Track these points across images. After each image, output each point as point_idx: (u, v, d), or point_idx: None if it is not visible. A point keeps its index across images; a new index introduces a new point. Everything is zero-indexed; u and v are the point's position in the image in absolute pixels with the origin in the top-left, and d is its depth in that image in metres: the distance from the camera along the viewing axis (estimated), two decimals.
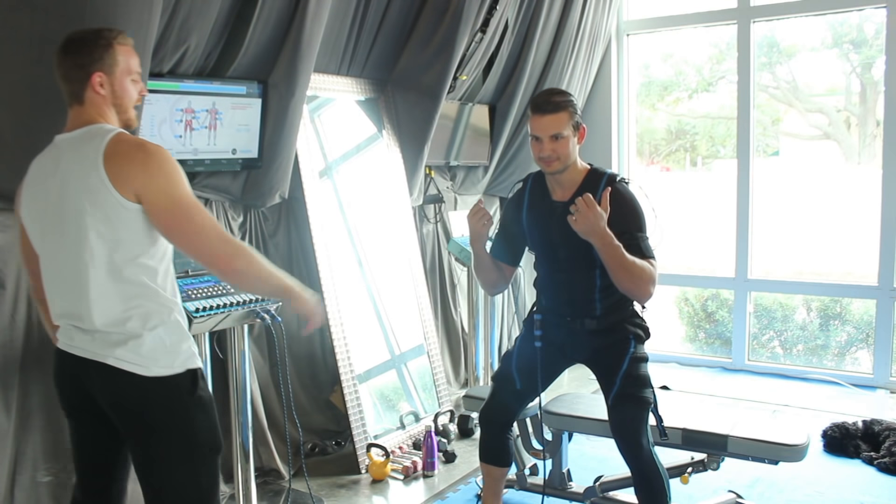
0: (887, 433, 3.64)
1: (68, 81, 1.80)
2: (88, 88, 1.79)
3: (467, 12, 3.89)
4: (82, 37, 1.81)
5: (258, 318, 2.77)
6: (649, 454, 2.40)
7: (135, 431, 1.79)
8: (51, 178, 1.77)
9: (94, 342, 1.76)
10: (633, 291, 2.32)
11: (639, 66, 5.70)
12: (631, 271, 2.27)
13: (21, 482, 2.57)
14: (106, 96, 1.81)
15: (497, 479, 2.69)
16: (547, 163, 2.40)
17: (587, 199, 2.24)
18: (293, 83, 3.23)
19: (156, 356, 1.75)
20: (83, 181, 1.70)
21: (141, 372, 1.73)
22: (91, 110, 1.80)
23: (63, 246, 1.76)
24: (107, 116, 1.82)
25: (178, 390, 1.77)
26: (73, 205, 1.72)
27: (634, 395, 2.42)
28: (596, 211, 2.23)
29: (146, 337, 1.74)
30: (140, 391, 1.75)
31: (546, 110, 2.36)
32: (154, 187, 1.70)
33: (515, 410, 2.65)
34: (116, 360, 1.73)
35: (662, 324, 5.81)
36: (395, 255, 4.07)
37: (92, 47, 1.79)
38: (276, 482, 3.31)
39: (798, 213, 5.66)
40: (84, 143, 1.74)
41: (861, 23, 5.16)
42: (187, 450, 1.79)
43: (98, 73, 1.79)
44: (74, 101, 1.81)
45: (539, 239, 2.54)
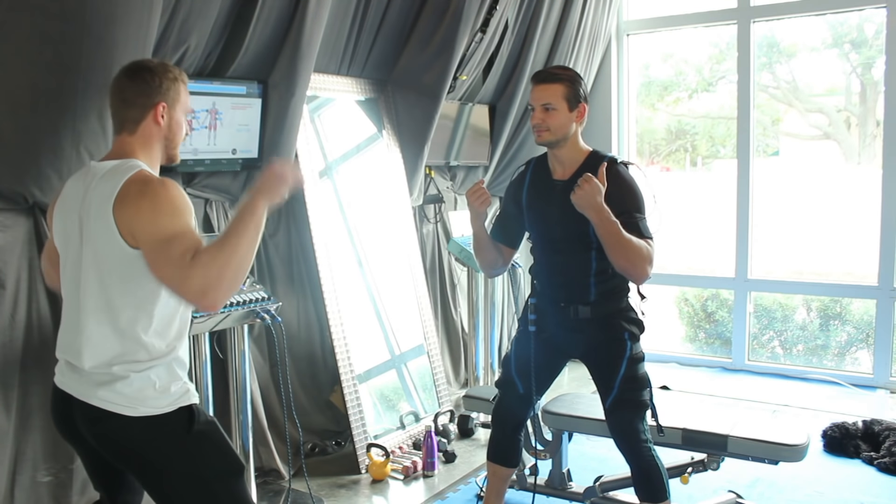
0: (887, 433, 3.64)
1: (129, 107, 1.77)
2: (149, 117, 1.77)
3: (467, 12, 3.89)
4: (151, 66, 1.81)
5: (258, 318, 2.77)
6: (648, 450, 2.41)
7: (135, 471, 1.76)
8: (79, 205, 1.74)
9: (80, 381, 1.72)
10: (629, 270, 2.30)
11: (639, 66, 5.70)
12: (627, 248, 2.25)
13: (21, 482, 2.57)
14: (162, 128, 1.79)
15: (502, 479, 2.69)
16: (537, 132, 2.41)
17: (587, 176, 2.25)
18: (293, 83, 3.23)
19: (144, 396, 1.69)
20: (97, 220, 1.68)
21: (128, 413, 1.68)
22: (138, 141, 1.78)
23: (72, 280, 1.75)
24: (152, 149, 1.80)
25: (170, 429, 1.71)
26: (85, 242, 1.71)
27: (633, 399, 2.42)
28: (594, 184, 2.23)
29: (133, 378, 1.69)
30: (128, 432, 1.69)
31: (540, 79, 2.40)
32: (140, 224, 1.63)
33: (524, 413, 2.65)
34: (100, 401, 1.68)
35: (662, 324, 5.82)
36: (395, 255, 4.07)
37: (161, 78, 1.79)
38: (276, 482, 3.31)
39: (798, 213, 5.66)
40: (109, 179, 1.70)
41: (861, 23, 5.16)
42: (199, 484, 1.74)
43: (163, 103, 1.78)
44: (125, 129, 1.78)
45: (537, 217, 2.52)
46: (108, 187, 1.67)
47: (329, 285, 3.57)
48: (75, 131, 2.44)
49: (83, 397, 1.71)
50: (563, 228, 2.43)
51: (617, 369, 2.41)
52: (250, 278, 2.86)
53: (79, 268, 1.72)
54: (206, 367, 2.71)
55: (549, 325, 2.54)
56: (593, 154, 2.46)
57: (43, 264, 2.04)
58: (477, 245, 2.65)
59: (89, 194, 1.71)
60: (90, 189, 1.72)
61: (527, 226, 2.59)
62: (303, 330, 3.78)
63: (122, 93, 1.78)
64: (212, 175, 3.23)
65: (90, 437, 1.74)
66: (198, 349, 2.69)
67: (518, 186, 2.59)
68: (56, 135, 2.42)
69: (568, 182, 2.41)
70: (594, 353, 2.50)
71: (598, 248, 2.37)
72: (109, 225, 1.65)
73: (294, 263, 3.74)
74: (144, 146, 1.78)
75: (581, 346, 2.52)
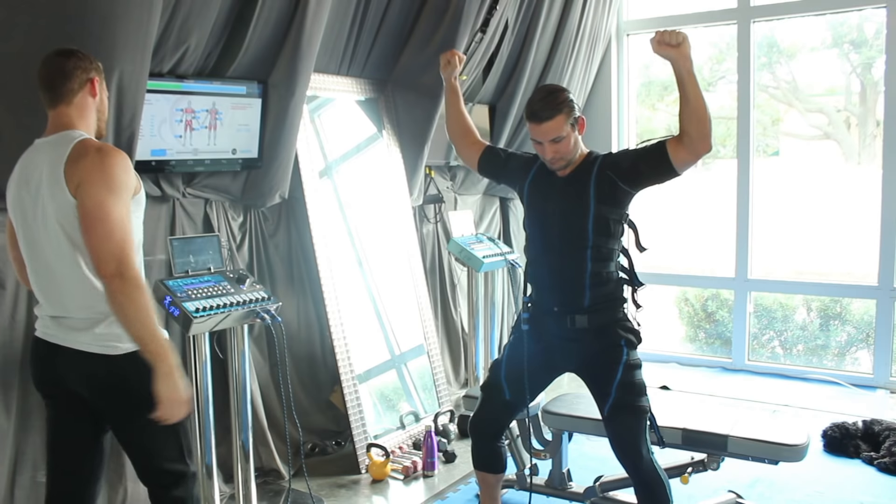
0: (887, 433, 3.64)
1: (67, 79, 1.92)
2: (86, 89, 1.95)
3: (467, 12, 3.89)
4: (80, 50, 1.99)
5: (258, 318, 2.77)
6: (650, 462, 2.38)
7: (112, 406, 1.94)
8: (31, 179, 1.91)
9: (66, 330, 1.91)
10: (705, 128, 2.22)
11: (639, 66, 5.70)
12: (706, 104, 2.23)
13: (21, 482, 2.57)
14: (96, 100, 1.98)
15: (492, 484, 2.68)
16: (552, 163, 2.42)
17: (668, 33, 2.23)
18: (293, 83, 3.23)
19: (119, 335, 1.87)
20: (51, 185, 1.85)
21: (110, 352, 1.89)
22: (75, 111, 1.94)
23: (40, 243, 1.91)
24: (88, 120, 1.97)
25: (145, 364, 1.84)
26: (45, 206, 1.87)
27: (631, 404, 2.37)
28: (681, 35, 2.22)
29: (111, 319, 1.86)
30: (112, 368, 1.89)
31: (542, 118, 2.35)
32: (88, 185, 1.81)
33: (505, 421, 2.63)
34: (85, 345, 1.89)
35: (662, 324, 5.82)
36: (395, 255, 4.07)
37: (92, 59, 1.99)
38: (276, 482, 3.31)
39: (798, 213, 5.66)
40: (56, 148, 1.88)
41: (861, 23, 5.16)
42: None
43: (97, 77, 1.98)
44: (63, 100, 1.93)
45: (537, 213, 2.50)
46: (58, 153, 1.86)
47: (329, 285, 3.57)
48: None
49: (71, 344, 1.90)
50: (562, 223, 2.42)
51: (613, 375, 2.38)
52: (250, 278, 2.86)
53: (44, 231, 1.88)
54: (206, 367, 2.71)
55: (543, 336, 2.50)
56: (590, 154, 2.48)
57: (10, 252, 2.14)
58: (447, 103, 2.76)
59: (40, 164, 1.89)
60: (40, 160, 1.90)
61: (525, 223, 2.58)
62: (303, 330, 3.78)
63: (61, 67, 1.93)
64: (212, 175, 3.22)
65: (77, 379, 1.92)
66: (198, 349, 2.69)
67: (527, 168, 2.56)
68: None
69: (568, 178, 2.43)
70: (589, 363, 2.46)
71: (594, 248, 2.37)
72: (60, 184, 1.83)
73: (294, 263, 3.74)
74: (81, 116, 1.95)
75: (576, 357, 2.48)
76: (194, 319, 2.53)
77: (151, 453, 2.00)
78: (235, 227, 3.43)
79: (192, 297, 2.61)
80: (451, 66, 2.71)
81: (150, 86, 2.69)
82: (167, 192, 3.05)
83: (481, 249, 4.11)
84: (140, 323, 1.79)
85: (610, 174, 2.37)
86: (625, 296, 2.49)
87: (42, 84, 1.94)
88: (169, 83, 2.89)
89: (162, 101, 2.87)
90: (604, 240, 2.39)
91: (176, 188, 3.09)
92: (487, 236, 4.34)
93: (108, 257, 1.79)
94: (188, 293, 2.62)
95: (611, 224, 2.39)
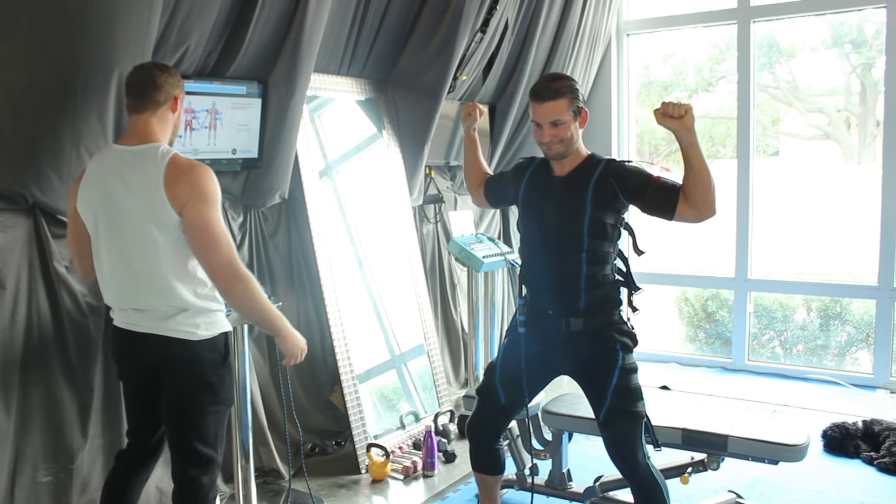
0: (887, 433, 3.65)
1: (157, 91, 2.09)
2: (170, 102, 2.13)
3: (467, 12, 3.89)
4: (172, 67, 2.20)
5: None
6: (646, 468, 2.36)
7: (176, 385, 2.14)
8: (113, 184, 2.06)
9: (147, 319, 2.11)
10: (709, 197, 2.24)
11: (639, 66, 5.70)
12: (708, 172, 2.24)
13: (21, 482, 2.57)
14: (174, 116, 2.16)
15: (491, 485, 2.67)
16: (549, 147, 2.40)
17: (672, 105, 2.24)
18: (293, 83, 3.23)
19: (198, 323, 2.11)
20: (150, 200, 2.01)
21: (189, 338, 2.10)
22: (157, 121, 2.11)
23: (124, 244, 2.07)
24: (166, 132, 2.14)
25: (215, 352, 2.15)
26: (136, 214, 2.04)
27: (627, 410, 2.35)
28: (684, 108, 2.22)
29: (192, 310, 2.10)
30: (189, 351, 2.11)
31: (545, 97, 2.35)
32: (192, 203, 2.00)
33: (501, 424, 2.61)
34: (168, 331, 2.09)
35: (662, 324, 5.82)
36: (395, 255, 4.07)
37: (179, 78, 2.17)
38: (276, 482, 3.31)
39: (798, 213, 5.66)
40: (145, 159, 2.04)
41: (861, 23, 5.16)
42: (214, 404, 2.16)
43: (182, 94, 2.16)
44: (148, 109, 2.10)
45: (533, 213, 2.49)
46: (151, 169, 2.02)
47: (329, 285, 3.57)
48: (75, 131, 2.44)
49: (157, 331, 2.10)
50: (558, 225, 2.40)
51: (609, 379, 2.36)
52: None
53: (131, 235, 2.05)
54: None
55: (540, 338, 2.49)
56: (592, 156, 2.46)
57: (70, 243, 2.30)
58: (465, 153, 2.83)
59: (128, 173, 2.05)
60: (127, 169, 2.05)
61: (520, 224, 2.56)
62: (303, 330, 3.75)
63: (154, 78, 2.10)
64: None
65: (158, 358, 2.12)
66: None
67: (520, 175, 2.56)
68: (56, 135, 2.42)
69: (566, 178, 2.42)
70: (585, 366, 2.45)
71: (589, 251, 2.36)
72: (162, 201, 2.00)
73: (294, 263, 3.74)
74: (161, 126, 2.12)
75: (571, 360, 2.47)
76: None
77: (192, 431, 2.15)
78: (235, 227, 3.43)
79: None
80: (471, 118, 2.76)
81: None
82: None
83: (481, 249, 4.10)
84: (260, 308, 2.10)
85: (613, 183, 2.35)
86: (621, 298, 2.48)
87: (132, 90, 2.11)
88: None
89: None
90: (599, 243, 2.38)
91: None
92: (487, 236, 4.34)
93: (221, 265, 2.02)
94: None
95: (607, 227, 2.38)
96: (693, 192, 2.26)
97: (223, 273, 2.03)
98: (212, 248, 2.02)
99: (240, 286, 2.04)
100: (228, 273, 2.03)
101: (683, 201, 2.28)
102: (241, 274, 2.04)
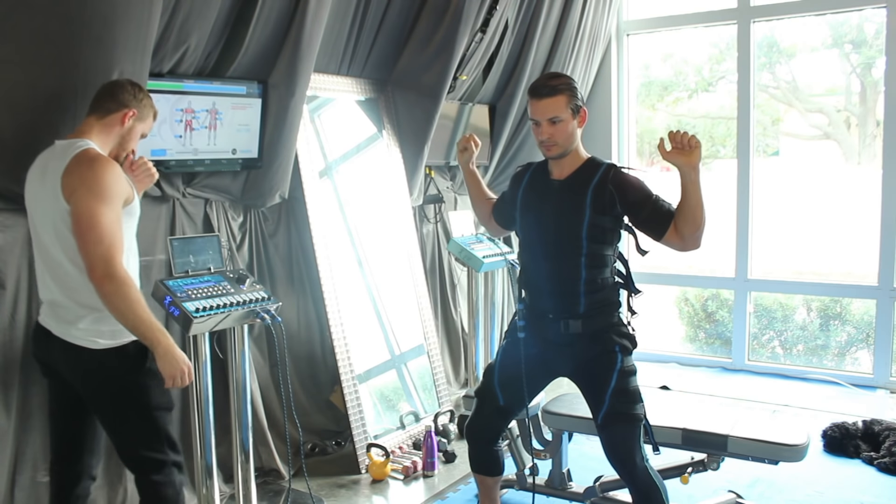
0: (887, 433, 3.65)
1: (110, 99, 2.14)
2: (119, 113, 2.14)
3: (467, 12, 3.89)
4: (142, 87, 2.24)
5: (258, 318, 2.76)
6: (644, 470, 2.36)
7: (95, 394, 2.12)
8: (42, 176, 2.09)
9: (59, 321, 2.10)
10: (696, 234, 2.27)
11: (639, 66, 5.70)
12: (703, 210, 2.25)
13: (21, 482, 2.57)
14: (123, 129, 2.16)
15: (490, 486, 2.67)
16: (547, 147, 2.38)
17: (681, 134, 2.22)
18: (293, 83, 3.23)
19: (102, 331, 2.07)
20: (53, 187, 2.02)
21: (92, 346, 2.06)
22: (99, 125, 2.14)
23: (42, 235, 2.10)
24: (106, 139, 2.15)
25: (129, 360, 2.10)
26: (45, 205, 2.06)
27: (625, 412, 2.34)
28: (694, 140, 2.20)
29: (96, 315, 2.06)
30: (95, 360, 2.07)
31: (542, 94, 2.34)
32: (79, 192, 1.98)
33: (500, 426, 2.61)
34: (73, 338, 2.07)
35: (662, 324, 5.82)
36: (395, 255, 4.07)
37: (146, 98, 2.22)
38: (276, 482, 3.31)
39: (798, 213, 5.66)
40: (65, 151, 2.06)
41: (861, 23, 5.16)
42: (143, 410, 2.12)
43: (135, 111, 2.17)
44: (96, 112, 2.15)
45: (531, 217, 2.47)
46: (63, 157, 2.04)
47: (329, 285, 3.57)
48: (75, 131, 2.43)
49: (61, 335, 2.09)
50: (556, 229, 2.39)
51: (607, 382, 2.35)
52: (250, 278, 2.86)
53: (45, 225, 2.07)
54: (206, 367, 2.71)
55: (538, 341, 2.48)
56: (592, 159, 2.44)
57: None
58: (468, 188, 2.82)
59: (50, 164, 2.07)
60: (51, 160, 2.08)
61: (519, 228, 2.54)
62: (303, 330, 3.78)
63: (113, 88, 2.17)
64: (212, 175, 3.22)
65: (63, 365, 2.11)
66: (197, 349, 2.69)
67: (517, 183, 2.56)
68: (56, 135, 2.41)
69: (565, 181, 2.41)
70: (584, 369, 2.44)
71: (588, 255, 2.36)
72: (56, 189, 2.00)
73: (294, 263, 3.74)
74: (102, 131, 2.14)
75: (570, 362, 2.46)
76: (194, 319, 2.52)
77: (129, 440, 2.15)
78: (235, 227, 3.43)
79: (192, 297, 2.61)
80: (467, 152, 2.73)
81: (150, 86, 2.69)
82: (167, 192, 3.05)
83: (481, 249, 4.11)
84: (132, 315, 1.98)
85: (613, 191, 2.33)
86: (620, 300, 2.47)
87: (94, 96, 2.18)
88: (169, 83, 2.89)
89: (162, 102, 2.86)
90: (598, 246, 2.37)
91: (176, 188, 3.09)
92: (487, 236, 4.34)
93: (97, 261, 1.95)
94: (188, 293, 2.62)
95: (606, 231, 2.37)
96: (683, 226, 2.27)
97: (97, 269, 1.94)
98: (87, 239, 1.95)
99: (111, 287, 1.94)
100: (102, 270, 1.94)
101: (673, 230, 2.30)
102: (115, 274, 1.95)
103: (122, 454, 2.19)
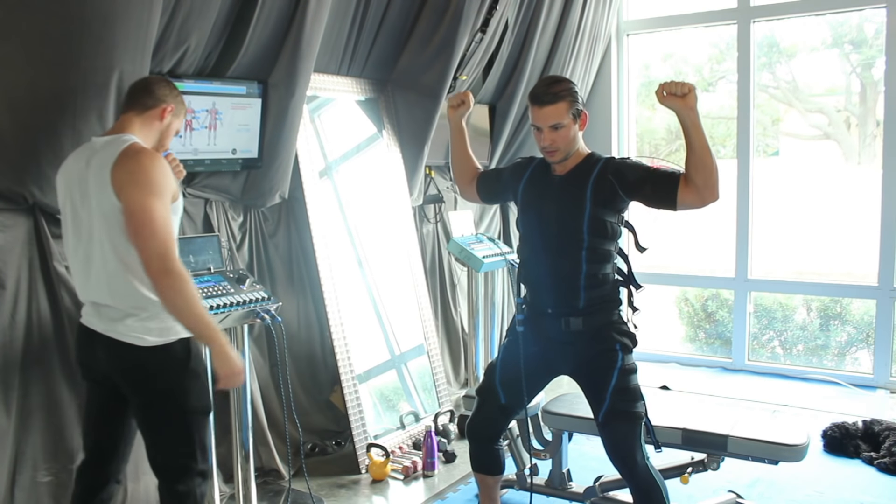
0: (887, 433, 3.64)
1: (148, 95, 2.12)
2: (158, 109, 2.12)
3: (467, 12, 3.89)
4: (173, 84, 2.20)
5: (258, 318, 2.77)
6: (645, 468, 2.36)
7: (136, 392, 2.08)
8: (80, 170, 2.04)
9: (101, 318, 2.05)
10: (710, 180, 2.22)
11: (639, 66, 5.70)
12: (711, 153, 2.22)
13: (21, 482, 2.57)
14: (161, 125, 2.15)
15: (491, 486, 2.67)
16: (549, 153, 2.39)
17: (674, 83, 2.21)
18: (293, 83, 3.23)
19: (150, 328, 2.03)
20: (99, 184, 1.97)
21: (140, 343, 2.02)
22: (140, 121, 2.11)
23: (86, 235, 2.04)
24: (147, 134, 2.12)
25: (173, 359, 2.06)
26: (92, 201, 2.00)
27: (626, 411, 2.34)
28: (687, 86, 2.19)
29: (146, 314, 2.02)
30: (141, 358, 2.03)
31: (544, 101, 2.34)
32: (129, 186, 1.94)
33: (501, 424, 2.61)
34: (119, 335, 2.02)
35: (662, 324, 5.82)
36: (395, 255, 4.07)
37: (179, 94, 2.19)
38: (276, 482, 3.31)
39: (798, 213, 5.66)
40: (108, 148, 2.01)
41: (861, 23, 5.16)
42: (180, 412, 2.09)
43: (172, 106, 2.16)
44: (135, 108, 2.11)
45: (533, 211, 2.48)
46: (109, 152, 1.99)
47: (329, 285, 3.57)
48: (75, 131, 2.44)
49: (107, 332, 2.04)
50: (558, 223, 2.39)
51: (608, 380, 2.35)
52: (250, 278, 2.86)
53: (91, 225, 2.01)
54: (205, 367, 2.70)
55: (540, 337, 2.48)
56: (592, 154, 2.45)
57: None
58: (453, 146, 2.80)
59: (93, 161, 2.01)
60: (94, 157, 2.02)
61: (520, 223, 2.55)
62: (303, 330, 3.78)
63: (149, 84, 2.15)
64: (212, 175, 3.23)
65: (107, 363, 2.06)
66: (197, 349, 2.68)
67: (519, 173, 2.56)
68: (56, 135, 2.42)
69: (566, 176, 2.41)
70: (584, 367, 2.44)
71: (589, 249, 2.36)
72: (106, 184, 1.95)
73: (294, 263, 3.74)
74: (143, 128, 2.11)
75: (571, 360, 2.46)
76: None
77: (162, 443, 2.10)
78: (235, 227, 3.43)
79: None
80: (464, 106, 2.70)
81: None
82: None
83: (481, 249, 4.11)
84: (189, 311, 1.95)
85: (612, 180, 2.34)
86: (621, 298, 2.48)
87: (127, 93, 2.17)
88: None
89: None
90: (600, 241, 2.37)
91: None
92: (487, 236, 4.34)
93: (154, 256, 1.92)
94: None
95: (607, 225, 2.37)
96: (695, 175, 2.23)
97: (154, 265, 1.91)
98: (141, 234, 1.92)
99: (169, 282, 1.91)
100: (159, 266, 1.91)
101: (684, 186, 2.26)
102: (172, 269, 1.92)
103: (152, 456, 2.14)
